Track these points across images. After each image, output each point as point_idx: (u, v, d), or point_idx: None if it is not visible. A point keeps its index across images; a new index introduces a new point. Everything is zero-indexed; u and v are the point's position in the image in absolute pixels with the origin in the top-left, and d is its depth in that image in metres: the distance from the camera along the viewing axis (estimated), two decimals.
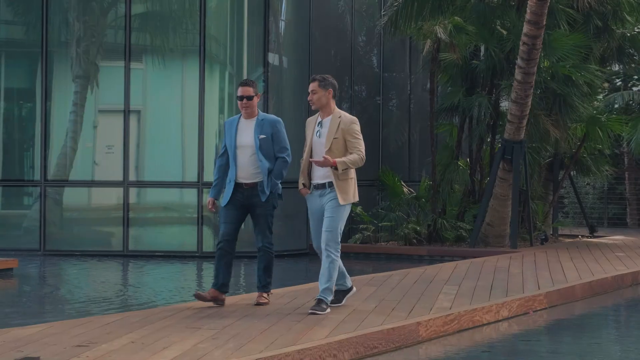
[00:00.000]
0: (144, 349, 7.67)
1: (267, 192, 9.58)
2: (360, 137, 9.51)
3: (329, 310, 9.50)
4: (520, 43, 16.82)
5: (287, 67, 18.58)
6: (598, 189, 26.22)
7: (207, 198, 9.86)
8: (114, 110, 18.80)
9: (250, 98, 9.64)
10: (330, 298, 9.57)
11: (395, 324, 9.03)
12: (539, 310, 11.31)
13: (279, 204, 9.86)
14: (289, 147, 9.74)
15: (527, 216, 18.22)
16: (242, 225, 10.04)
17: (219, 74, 18.34)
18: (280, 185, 9.76)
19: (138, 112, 18.35)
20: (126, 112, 18.08)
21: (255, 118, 9.66)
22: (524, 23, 16.74)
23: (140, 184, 18.08)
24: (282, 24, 18.84)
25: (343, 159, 9.29)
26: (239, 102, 9.68)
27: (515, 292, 11.50)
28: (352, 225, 19.22)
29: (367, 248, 18.38)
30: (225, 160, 9.74)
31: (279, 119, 9.83)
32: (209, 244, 17.47)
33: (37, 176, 18.19)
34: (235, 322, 8.92)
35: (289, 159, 9.71)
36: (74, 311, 11.21)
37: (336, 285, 9.73)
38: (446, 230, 18.46)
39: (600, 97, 21.47)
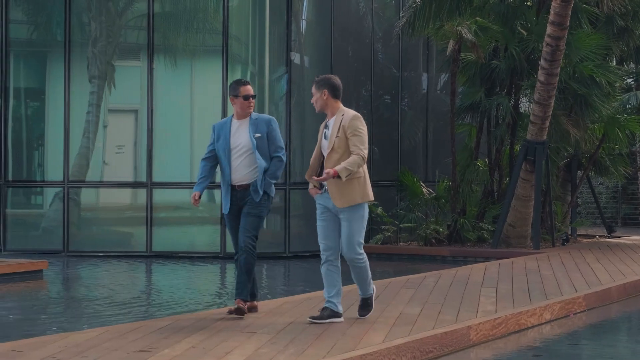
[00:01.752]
0: (206, 354, 7.66)
1: (261, 192, 9.25)
2: (362, 133, 8.89)
3: (373, 307, 9.46)
4: (544, 44, 16.83)
5: (309, 66, 18.57)
6: (611, 189, 26.27)
7: (192, 192, 9.40)
8: (125, 110, 18.83)
9: (254, 96, 9.49)
10: (372, 293, 9.37)
11: (447, 328, 9.04)
12: (579, 312, 11.34)
13: (271, 208, 9.50)
14: (284, 147, 9.47)
15: (549, 217, 18.25)
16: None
17: (240, 74, 18.31)
18: (273, 187, 9.42)
19: (154, 111, 18.27)
20: (149, 112, 18.05)
21: (248, 118, 9.39)
22: (548, 24, 16.74)
23: (164, 185, 18.05)
24: (303, 24, 18.83)
25: (343, 165, 8.72)
26: (243, 102, 9.34)
27: (553, 295, 11.52)
28: (373, 225, 19.23)
29: (389, 249, 18.39)
30: (212, 163, 9.45)
31: (273, 117, 9.53)
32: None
33: (60, 177, 18.14)
34: (287, 327, 8.92)
35: (284, 159, 9.42)
36: (116, 314, 11.20)
37: (328, 301, 9.11)
38: (467, 230, 18.47)
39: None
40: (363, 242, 9.06)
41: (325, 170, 8.78)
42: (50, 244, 18.08)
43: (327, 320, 9.07)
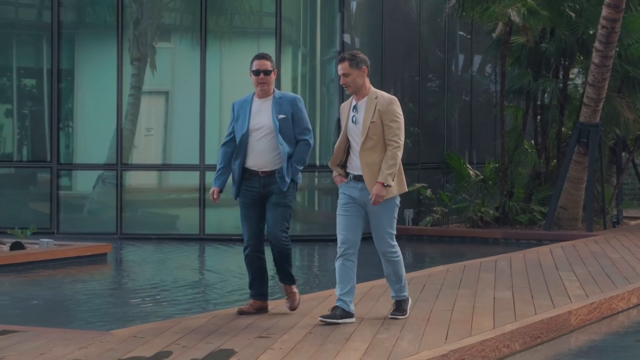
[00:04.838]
0: (327, 339, 7.63)
1: (288, 180, 8.42)
2: (400, 119, 8.25)
3: (408, 312, 8.62)
4: (599, 26, 16.78)
5: (360, 47, 18.45)
6: None
7: (212, 188, 8.53)
8: (155, 91, 18.78)
9: (267, 72, 8.51)
10: (406, 294, 8.64)
11: (550, 314, 9.02)
12: None
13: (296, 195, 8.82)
14: (311, 129, 8.62)
15: (601, 199, 18.23)
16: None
17: (291, 55, 18.23)
18: (300, 174, 8.63)
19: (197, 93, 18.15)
20: (202, 94, 17.94)
21: (271, 97, 8.55)
22: (603, 7, 16.68)
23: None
24: (354, 5, 18.72)
25: (385, 171, 8.12)
26: (254, 78, 8.49)
27: (633, 279, 11.50)
28: (422, 208, 19.23)
29: (441, 231, 18.36)
30: (232, 148, 8.52)
31: (299, 96, 8.68)
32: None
33: (112, 159, 18.08)
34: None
35: (311, 142, 8.55)
36: (202, 299, 11.21)
37: (339, 299, 8.35)
38: (517, 212, 18.42)
39: None
40: (395, 232, 8.42)
41: (373, 194, 8.13)
42: (99, 226, 18.03)
43: (340, 321, 8.25)
